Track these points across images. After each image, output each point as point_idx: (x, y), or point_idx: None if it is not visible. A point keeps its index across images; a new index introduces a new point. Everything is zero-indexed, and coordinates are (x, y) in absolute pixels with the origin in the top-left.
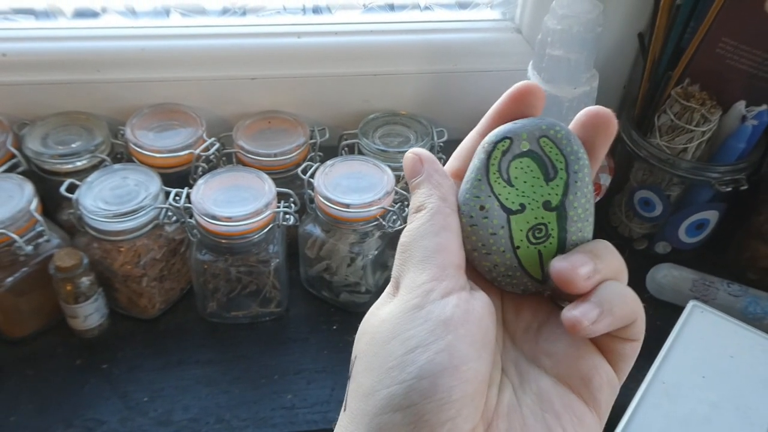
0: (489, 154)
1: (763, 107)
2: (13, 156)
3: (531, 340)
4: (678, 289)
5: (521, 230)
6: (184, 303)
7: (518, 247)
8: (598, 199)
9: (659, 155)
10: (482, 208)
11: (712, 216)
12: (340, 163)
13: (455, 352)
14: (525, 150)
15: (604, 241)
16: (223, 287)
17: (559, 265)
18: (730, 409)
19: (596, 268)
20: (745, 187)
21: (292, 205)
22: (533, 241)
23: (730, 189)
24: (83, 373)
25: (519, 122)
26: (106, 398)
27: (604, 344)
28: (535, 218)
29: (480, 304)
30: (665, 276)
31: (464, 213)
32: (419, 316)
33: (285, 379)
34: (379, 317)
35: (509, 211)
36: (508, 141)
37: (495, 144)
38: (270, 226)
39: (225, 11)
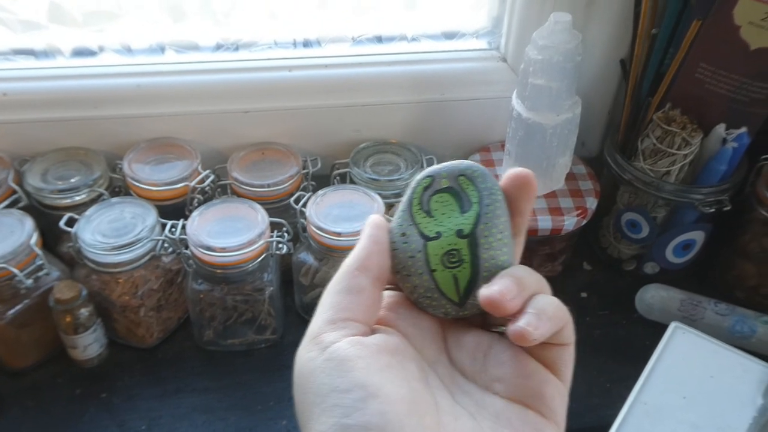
0: (413, 190)
1: (743, 130)
2: (14, 192)
3: (479, 370)
4: (666, 309)
5: (436, 255)
6: (181, 332)
7: (434, 270)
8: (584, 222)
9: (644, 178)
10: (403, 234)
11: (698, 236)
12: (332, 192)
13: (367, 384)
14: (444, 186)
15: (523, 266)
16: (220, 316)
17: (485, 291)
18: (711, 429)
19: (520, 289)
20: (728, 208)
21: (285, 234)
22: (448, 265)
23: (713, 210)
24: (83, 403)
25: (442, 165)
26: (105, 427)
27: (544, 356)
28: (449, 244)
29: (376, 341)
30: (653, 296)
31: (391, 240)
32: (318, 366)
33: (280, 405)
34: (295, 369)
35: (426, 238)
36: (429, 179)
37: (419, 182)
38: (264, 255)
39: (218, 47)
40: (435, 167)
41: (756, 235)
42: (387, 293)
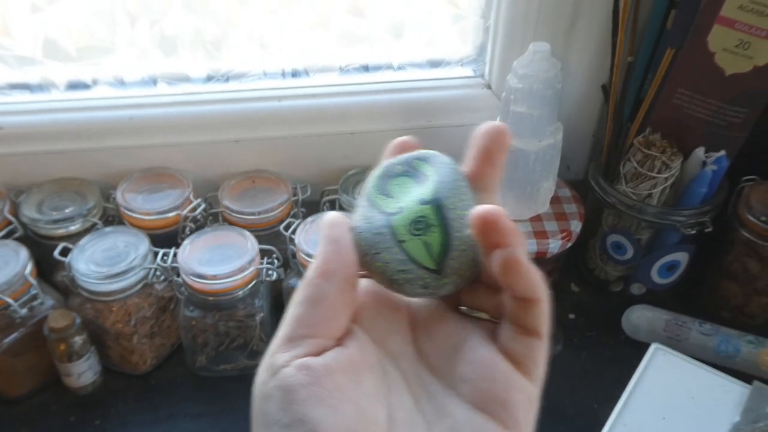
0: (370, 180)
1: (722, 153)
2: (10, 222)
3: (447, 365)
4: (652, 329)
5: (402, 225)
6: (174, 358)
7: (403, 241)
8: (569, 245)
9: (626, 201)
10: (365, 217)
11: (682, 257)
12: (321, 219)
13: (306, 419)
14: (400, 172)
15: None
16: (212, 342)
17: (479, 209)
18: None
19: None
20: (710, 229)
21: (275, 260)
22: (415, 233)
23: (695, 232)
24: (77, 430)
25: (396, 157)
26: None
27: (515, 350)
28: (414, 213)
29: (330, 360)
30: (639, 317)
31: (354, 228)
32: (266, 393)
33: None
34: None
35: (389, 214)
36: (384, 168)
37: (375, 173)
38: (254, 281)
39: (209, 78)
40: (388, 161)
41: (739, 255)
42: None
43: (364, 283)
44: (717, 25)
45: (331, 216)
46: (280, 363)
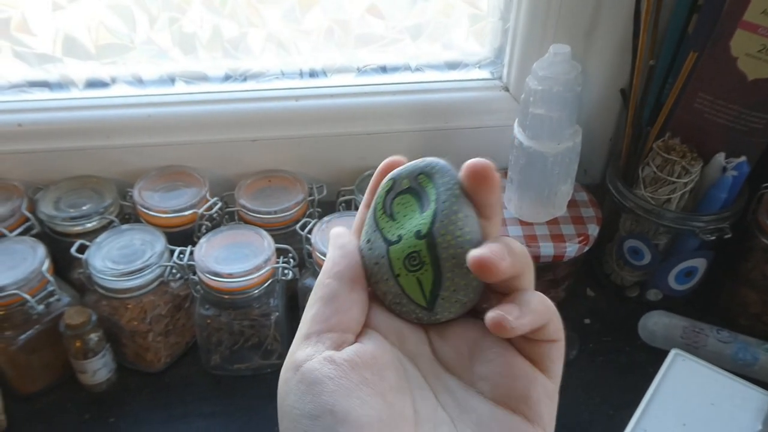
0: (377, 195)
1: (742, 159)
2: (28, 219)
3: (464, 365)
4: (669, 335)
5: (398, 259)
6: (188, 356)
7: (398, 275)
8: (586, 249)
9: (645, 206)
10: (368, 241)
11: (700, 264)
12: (337, 219)
13: (335, 409)
14: (405, 187)
15: (511, 239)
16: (226, 340)
17: (474, 253)
18: None
19: (510, 251)
20: (729, 236)
21: (291, 260)
22: (410, 268)
23: (714, 238)
24: (91, 428)
25: (405, 165)
26: None
27: (532, 352)
28: (409, 247)
29: (353, 352)
30: (656, 323)
31: (360, 248)
32: (292, 387)
33: None
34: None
35: (388, 242)
36: (391, 182)
37: (382, 186)
38: (270, 281)
39: (227, 78)
40: (397, 169)
41: (758, 263)
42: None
43: None
44: (740, 30)
45: (338, 230)
46: (302, 358)
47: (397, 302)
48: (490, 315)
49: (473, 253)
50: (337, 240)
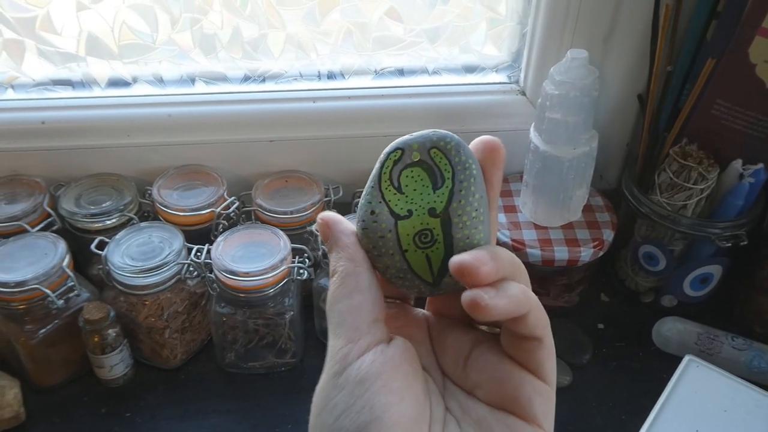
0: (382, 164)
1: (760, 166)
2: (49, 215)
3: (461, 373)
4: (683, 342)
5: (408, 234)
6: (204, 354)
7: (406, 251)
8: (601, 254)
9: (660, 212)
10: (373, 212)
11: (715, 270)
12: (351, 220)
13: (375, 405)
14: (416, 160)
15: (501, 247)
16: (241, 339)
17: (456, 259)
18: None
19: (493, 259)
20: (745, 243)
21: (306, 260)
22: (420, 245)
23: (730, 244)
24: (108, 422)
25: (414, 135)
26: None
27: (519, 355)
28: (421, 224)
29: (397, 351)
30: (670, 329)
31: (358, 218)
32: (339, 384)
33: (299, 428)
34: (316, 389)
35: (397, 217)
36: (399, 151)
37: (388, 154)
38: (285, 280)
39: (246, 79)
40: (406, 138)
41: None
42: None
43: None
44: (759, 37)
45: (330, 216)
46: (357, 349)
47: (400, 276)
48: (466, 294)
49: (454, 260)
50: (348, 242)
